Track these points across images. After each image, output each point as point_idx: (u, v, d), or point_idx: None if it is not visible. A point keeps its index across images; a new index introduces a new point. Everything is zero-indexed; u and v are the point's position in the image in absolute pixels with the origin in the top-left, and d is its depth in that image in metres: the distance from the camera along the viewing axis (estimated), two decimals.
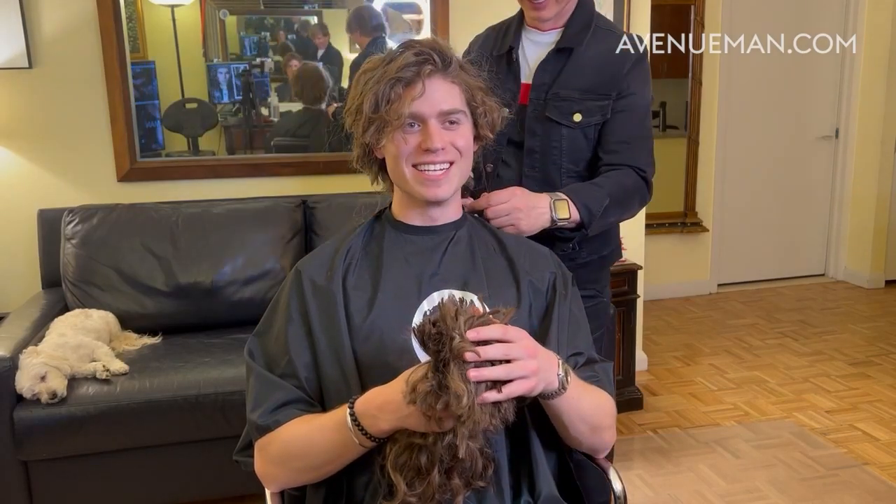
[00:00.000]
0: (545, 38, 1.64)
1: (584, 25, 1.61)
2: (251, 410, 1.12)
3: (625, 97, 1.59)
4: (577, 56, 1.59)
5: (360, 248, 1.21)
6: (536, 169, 1.62)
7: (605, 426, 1.17)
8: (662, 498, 2.38)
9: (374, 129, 1.14)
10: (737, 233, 4.67)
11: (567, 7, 1.60)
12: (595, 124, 1.60)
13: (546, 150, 1.61)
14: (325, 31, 2.94)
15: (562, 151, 1.60)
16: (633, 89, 1.59)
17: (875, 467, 2.54)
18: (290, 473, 1.11)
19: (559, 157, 1.60)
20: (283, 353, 1.14)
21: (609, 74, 1.59)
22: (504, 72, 1.64)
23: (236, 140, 2.96)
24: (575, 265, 1.60)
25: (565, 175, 1.61)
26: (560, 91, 1.59)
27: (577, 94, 1.58)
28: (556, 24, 1.62)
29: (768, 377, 3.32)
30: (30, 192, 2.71)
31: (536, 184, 1.59)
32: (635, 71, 1.60)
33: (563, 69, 1.59)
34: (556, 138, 1.59)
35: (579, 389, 1.09)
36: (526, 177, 1.61)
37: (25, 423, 2.04)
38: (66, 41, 2.66)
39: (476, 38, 1.77)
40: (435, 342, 0.91)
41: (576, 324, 1.23)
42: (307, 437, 1.07)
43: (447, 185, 1.17)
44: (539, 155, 1.61)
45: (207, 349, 2.38)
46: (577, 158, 1.61)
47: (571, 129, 1.59)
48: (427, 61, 1.13)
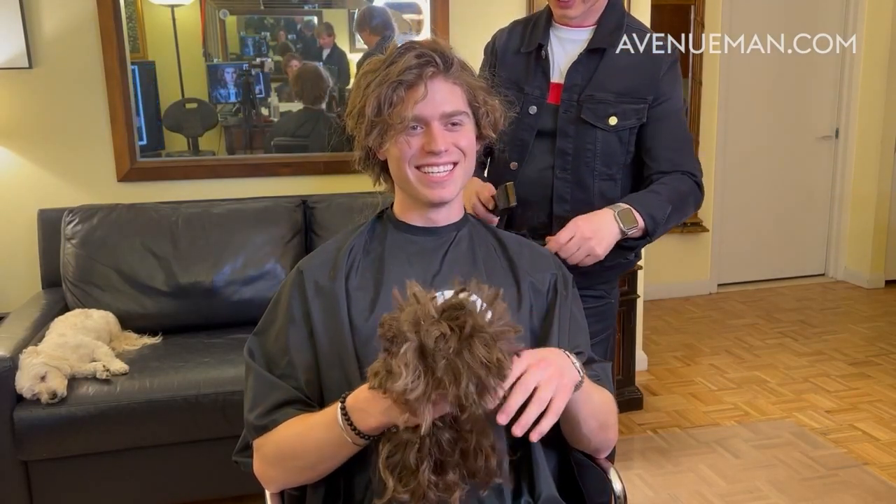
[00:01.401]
0: (574, 35, 1.61)
1: (616, 26, 1.59)
2: (249, 410, 1.12)
3: (662, 103, 1.59)
4: (610, 57, 1.57)
5: (362, 247, 1.21)
6: (568, 171, 1.60)
7: (611, 423, 1.17)
8: (662, 498, 2.38)
9: (376, 133, 1.14)
10: (737, 233, 4.67)
11: (596, 6, 1.59)
12: (630, 128, 1.58)
13: (579, 153, 1.59)
14: (329, 31, 2.93)
15: (595, 154, 1.59)
16: (669, 93, 1.59)
17: (875, 467, 2.54)
18: (287, 473, 1.11)
19: (592, 160, 1.59)
20: (282, 354, 1.14)
21: (645, 77, 1.57)
22: (532, 68, 1.62)
23: (236, 140, 2.96)
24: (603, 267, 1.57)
25: (598, 178, 1.60)
26: (595, 93, 1.57)
27: (612, 97, 1.57)
28: (584, 21, 1.60)
29: (768, 377, 3.32)
30: (30, 192, 2.71)
31: (568, 185, 1.59)
32: (670, 74, 1.59)
33: (597, 70, 1.57)
34: (591, 141, 1.58)
35: (589, 383, 1.09)
36: (557, 178, 1.60)
37: (25, 423, 2.04)
38: (66, 41, 2.66)
39: (500, 32, 1.74)
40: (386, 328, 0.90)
41: (576, 324, 1.23)
42: (300, 436, 1.07)
43: (451, 186, 1.16)
44: (571, 157, 1.59)
45: (207, 349, 2.38)
46: (610, 161, 1.60)
47: (606, 132, 1.58)
48: (429, 63, 1.13)
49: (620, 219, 1.47)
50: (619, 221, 1.47)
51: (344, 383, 1.10)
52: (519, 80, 1.62)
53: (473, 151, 1.20)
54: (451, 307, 0.89)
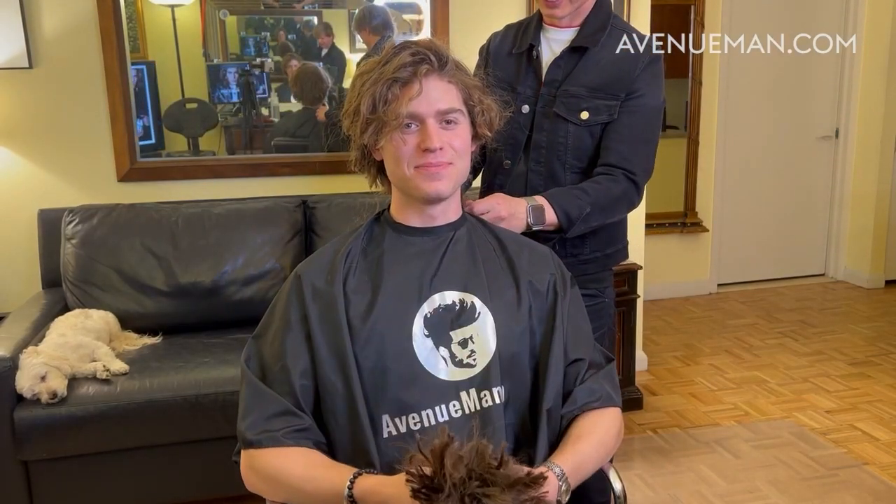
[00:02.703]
0: (562, 35, 1.64)
1: (600, 26, 1.61)
2: (240, 419, 1.13)
3: (634, 98, 1.59)
4: (591, 55, 1.60)
5: (359, 250, 1.21)
6: (541, 164, 1.63)
7: (612, 447, 1.19)
8: (662, 498, 2.38)
9: (372, 130, 1.14)
10: (737, 233, 4.67)
11: (584, 6, 1.61)
12: (601, 123, 1.60)
13: (552, 146, 1.62)
14: (328, 31, 2.93)
15: (567, 148, 1.61)
16: (643, 91, 1.59)
17: (875, 467, 2.54)
18: (274, 496, 1.12)
19: (564, 154, 1.61)
20: (277, 359, 1.14)
21: (620, 74, 1.59)
22: (524, 69, 1.65)
23: (236, 140, 2.96)
24: (578, 261, 1.62)
25: (569, 171, 1.62)
26: (569, 88, 1.60)
27: (585, 92, 1.59)
28: (572, 22, 1.63)
29: (768, 377, 3.32)
30: (30, 192, 2.71)
31: (541, 178, 1.61)
32: (647, 72, 1.60)
33: (576, 67, 1.60)
34: (563, 134, 1.60)
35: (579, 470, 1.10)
36: (531, 171, 1.63)
37: (25, 423, 2.04)
38: (66, 41, 2.66)
39: (494, 35, 1.77)
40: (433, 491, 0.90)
41: (576, 326, 1.23)
42: (300, 481, 1.07)
43: (447, 180, 1.16)
44: (545, 150, 1.62)
45: (207, 349, 2.38)
46: (582, 156, 1.62)
47: (578, 126, 1.60)
48: (423, 61, 1.13)
49: (531, 212, 1.47)
50: (528, 215, 1.47)
51: (343, 386, 1.10)
52: (511, 81, 1.65)
53: (468, 152, 1.20)
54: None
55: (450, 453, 0.90)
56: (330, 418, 1.12)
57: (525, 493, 0.91)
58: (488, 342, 1.15)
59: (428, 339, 1.14)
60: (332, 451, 1.12)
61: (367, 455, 1.09)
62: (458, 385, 1.13)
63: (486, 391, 1.13)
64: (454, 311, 1.16)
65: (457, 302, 1.16)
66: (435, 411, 1.11)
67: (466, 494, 0.88)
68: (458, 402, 1.12)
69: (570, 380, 1.19)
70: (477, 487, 0.88)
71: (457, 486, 0.88)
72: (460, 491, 0.88)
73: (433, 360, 1.13)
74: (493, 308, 1.16)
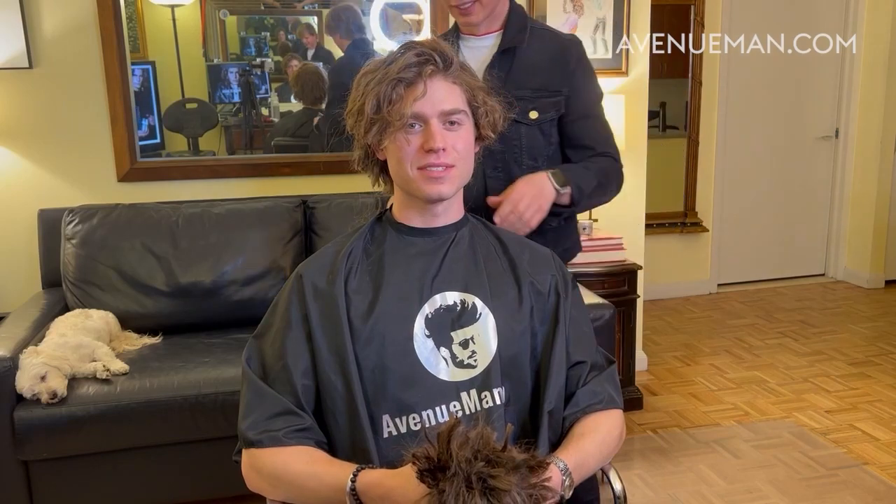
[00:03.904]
0: (482, 42, 1.71)
1: (521, 26, 1.69)
2: (241, 419, 1.13)
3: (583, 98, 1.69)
4: (521, 56, 1.67)
5: (361, 250, 1.21)
6: (499, 168, 1.68)
7: (614, 448, 1.20)
8: (662, 498, 2.38)
9: (375, 130, 1.14)
10: (737, 233, 4.67)
11: (497, 11, 1.67)
12: (550, 119, 1.69)
13: (507, 149, 1.67)
14: (311, 31, 2.93)
15: (522, 148, 1.68)
16: (584, 86, 1.69)
17: (875, 467, 2.54)
18: (276, 494, 1.12)
19: (520, 154, 1.69)
20: (277, 359, 1.14)
21: (557, 71, 1.68)
22: None
23: (236, 140, 2.96)
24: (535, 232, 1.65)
25: (526, 170, 1.67)
26: (513, 91, 1.60)
27: (529, 93, 1.66)
28: (489, 28, 1.69)
29: (768, 377, 3.32)
30: (30, 192, 2.71)
31: (501, 183, 1.65)
32: (580, 67, 1.69)
33: (511, 69, 1.66)
34: (516, 136, 1.66)
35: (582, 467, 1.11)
36: (489, 177, 1.67)
37: (25, 423, 2.04)
38: (66, 41, 2.66)
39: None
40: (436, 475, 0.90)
41: (578, 328, 1.23)
42: (302, 478, 1.07)
43: (449, 183, 1.16)
44: (500, 154, 1.66)
45: (207, 349, 2.38)
46: (536, 154, 1.70)
47: (529, 126, 1.67)
48: (428, 62, 1.13)
49: (553, 178, 1.58)
50: (552, 180, 1.58)
51: (343, 386, 1.10)
52: None
53: (471, 153, 1.20)
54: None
55: (456, 435, 0.90)
56: (330, 418, 1.12)
57: (530, 477, 0.92)
58: (489, 343, 1.15)
59: (429, 339, 1.14)
60: (332, 451, 1.12)
61: (368, 455, 1.09)
62: (458, 385, 1.13)
63: (486, 392, 1.13)
64: (455, 311, 1.16)
65: (458, 302, 1.16)
66: (435, 411, 1.11)
67: (472, 473, 0.88)
68: (459, 402, 1.12)
69: (572, 382, 1.19)
70: (483, 467, 0.88)
71: (462, 466, 0.88)
72: (466, 470, 0.88)
73: (434, 360, 1.13)
74: (495, 308, 1.16)
